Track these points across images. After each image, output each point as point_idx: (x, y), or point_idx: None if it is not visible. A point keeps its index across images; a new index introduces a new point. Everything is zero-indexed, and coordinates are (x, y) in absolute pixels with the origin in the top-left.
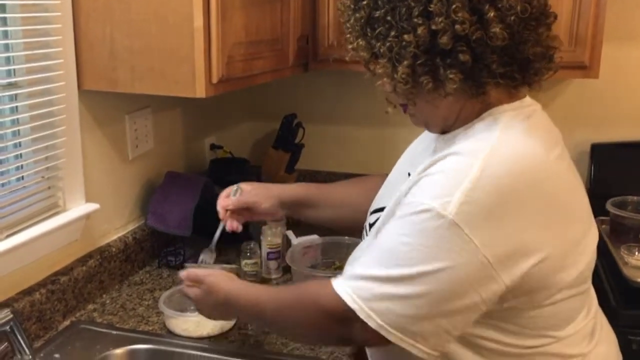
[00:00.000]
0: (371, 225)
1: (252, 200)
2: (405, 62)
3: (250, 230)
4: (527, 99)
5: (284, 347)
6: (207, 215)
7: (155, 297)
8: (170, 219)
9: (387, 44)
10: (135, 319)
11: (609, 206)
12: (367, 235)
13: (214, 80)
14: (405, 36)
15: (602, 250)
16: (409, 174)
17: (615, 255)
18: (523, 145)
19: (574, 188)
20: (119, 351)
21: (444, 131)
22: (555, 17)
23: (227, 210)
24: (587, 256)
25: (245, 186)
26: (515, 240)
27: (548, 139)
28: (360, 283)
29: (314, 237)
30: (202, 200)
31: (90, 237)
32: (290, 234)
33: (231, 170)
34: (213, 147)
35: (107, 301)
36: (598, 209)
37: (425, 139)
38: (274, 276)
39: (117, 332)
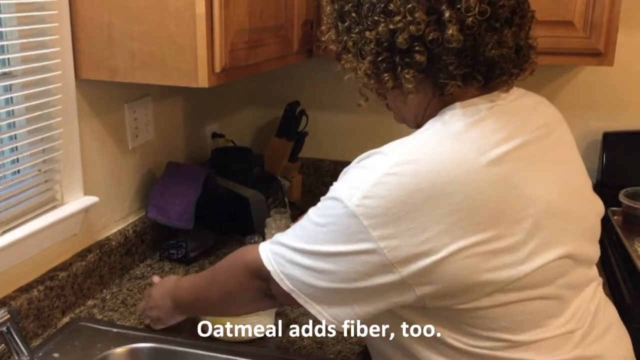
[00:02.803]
0: None
1: None
2: (368, 58)
3: (254, 223)
4: (495, 94)
5: (291, 345)
6: (209, 207)
7: None
8: (171, 211)
9: (352, 38)
10: (136, 315)
11: (621, 197)
12: None
13: (217, 69)
14: (367, 33)
15: (615, 242)
16: None
17: (628, 248)
18: (443, 147)
19: (512, 193)
20: (120, 350)
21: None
22: (533, 16)
23: None
24: (534, 263)
25: None
26: (413, 239)
27: (489, 139)
28: (278, 248)
29: None
30: (204, 192)
31: (89, 231)
32: None
33: (233, 159)
34: (215, 135)
35: (108, 297)
36: (610, 200)
37: None
38: None
39: (118, 330)
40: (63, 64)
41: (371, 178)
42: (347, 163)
